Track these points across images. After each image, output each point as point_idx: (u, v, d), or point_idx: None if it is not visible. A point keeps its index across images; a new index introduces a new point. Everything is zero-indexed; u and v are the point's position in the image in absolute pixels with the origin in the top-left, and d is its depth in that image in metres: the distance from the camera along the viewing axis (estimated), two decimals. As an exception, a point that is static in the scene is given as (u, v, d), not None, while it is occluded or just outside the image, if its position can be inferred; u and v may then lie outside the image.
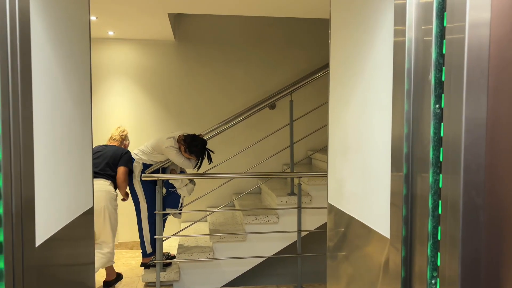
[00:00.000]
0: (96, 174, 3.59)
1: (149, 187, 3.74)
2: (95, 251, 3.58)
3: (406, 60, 1.15)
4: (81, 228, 1.75)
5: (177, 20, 4.90)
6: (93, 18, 3.99)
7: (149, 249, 3.79)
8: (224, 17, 4.94)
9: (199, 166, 3.67)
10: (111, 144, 3.89)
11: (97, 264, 3.58)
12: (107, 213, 3.56)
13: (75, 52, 1.65)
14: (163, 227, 3.75)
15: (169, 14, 3.95)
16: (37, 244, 1.24)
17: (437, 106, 1.05)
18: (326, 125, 2.06)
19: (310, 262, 4.32)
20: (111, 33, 4.62)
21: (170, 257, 3.85)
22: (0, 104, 1.01)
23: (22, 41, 1.11)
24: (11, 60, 1.05)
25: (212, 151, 3.74)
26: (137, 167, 3.71)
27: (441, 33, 1.04)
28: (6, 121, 1.04)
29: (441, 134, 1.03)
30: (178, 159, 3.59)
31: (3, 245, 1.02)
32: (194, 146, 3.58)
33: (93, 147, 3.64)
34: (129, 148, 4.01)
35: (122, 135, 3.97)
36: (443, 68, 1.02)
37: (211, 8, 3.78)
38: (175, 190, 3.82)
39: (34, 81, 1.20)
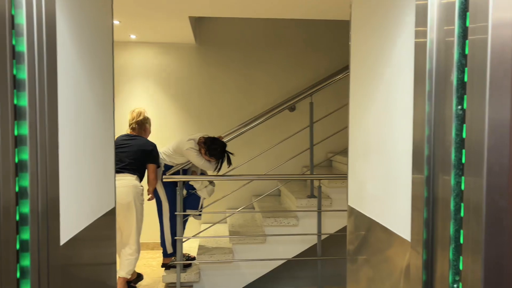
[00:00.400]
0: (122, 169, 3.50)
1: (170, 188, 3.78)
2: (123, 255, 3.58)
3: (427, 61, 1.14)
4: (104, 228, 1.78)
5: (198, 23, 4.95)
6: (116, 22, 4.06)
7: (169, 250, 3.83)
8: (244, 20, 4.96)
9: (219, 169, 3.69)
10: (132, 134, 3.76)
11: (130, 267, 3.57)
12: (134, 209, 3.50)
13: (98, 55, 1.69)
14: (184, 228, 3.78)
15: (190, 17, 3.99)
16: (61, 243, 1.27)
17: (459, 107, 1.04)
18: (346, 127, 2.05)
19: (330, 265, 4.29)
20: (133, 36, 4.70)
21: (190, 258, 3.88)
22: (28, 106, 1.04)
23: (49, 45, 1.14)
24: (38, 63, 1.08)
25: (232, 154, 3.75)
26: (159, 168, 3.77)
27: (464, 34, 1.03)
28: (33, 123, 1.07)
29: (463, 136, 1.02)
30: (199, 161, 3.62)
31: (29, 243, 1.05)
32: (214, 149, 3.60)
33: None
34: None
35: (138, 121, 3.78)
36: (466, 69, 1.01)
37: (232, 11, 3.80)
38: (195, 191, 3.85)
39: (59, 83, 1.23)
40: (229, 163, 3.72)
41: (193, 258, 3.87)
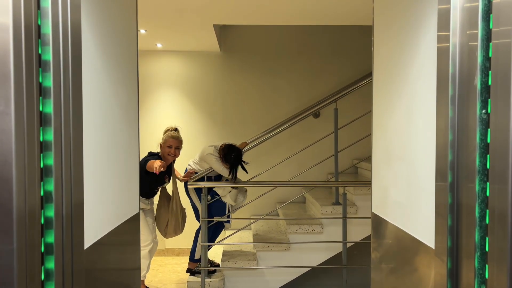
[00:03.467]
0: None
1: (198, 195, 3.86)
2: None
3: (450, 65, 1.12)
4: (127, 233, 1.81)
5: (223, 31, 5.00)
6: (142, 31, 4.15)
7: (198, 255, 3.85)
8: (268, 27, 4.99)
9: (235, 176, 3.74)
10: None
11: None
12: None
13: (123, 63, 1.73)
14: (217, 236, 3.83)
15: (214, 25, 4.03)
16: (85, 247, 1.29)
17: (483, 111, 1.01)
18: (371, 134, 2.02)
19: (356, 273, 4.21)
20: (159, 45, 4.79)
21: (214, 265, 3.89)
22: (53, 113, 1.07)
23: (74, 53, 1.17)
24: (63, 71, 1.11)
25: (246, 162, 3.79)
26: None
27: (487, 37, 1.00)
28: (58, 129, 1.10)
29: (488, 141, 0.99)
30: (218, 167, 3.74)
31: (54, 247, 1.07)
32: (229, 156, 3.71)
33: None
34: (180, 159, 4.03)
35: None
36: (490, 72, 0.98)
37: (255, 19, 3.83)
38: (220, 198, 3.88)
39: (84, 91, 1.27)
40: (245, 170, 3.80)
41: (217, 265, 3.88)
